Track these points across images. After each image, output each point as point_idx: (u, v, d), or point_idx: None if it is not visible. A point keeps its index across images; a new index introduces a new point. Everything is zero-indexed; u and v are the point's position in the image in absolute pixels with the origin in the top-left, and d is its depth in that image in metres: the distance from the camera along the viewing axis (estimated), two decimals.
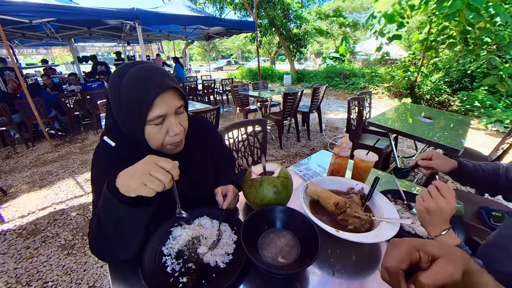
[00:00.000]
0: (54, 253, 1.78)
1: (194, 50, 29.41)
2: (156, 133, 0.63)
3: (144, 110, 0.58)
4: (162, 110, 0.60)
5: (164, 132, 0.64)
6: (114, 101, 0.62)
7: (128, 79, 0.59)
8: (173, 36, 7.43)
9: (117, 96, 0.60)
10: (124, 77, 0.60)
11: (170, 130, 0.64)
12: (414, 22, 7.80)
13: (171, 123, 0.63)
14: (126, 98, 0.59)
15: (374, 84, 8.08)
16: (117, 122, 0.66)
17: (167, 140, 0.65)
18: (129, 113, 0.60)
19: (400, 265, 0.35)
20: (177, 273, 0.61)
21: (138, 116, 0.59)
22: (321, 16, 13.61)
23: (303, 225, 0.68)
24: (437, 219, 0.57)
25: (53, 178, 2.91)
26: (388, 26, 4.54)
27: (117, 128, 0.68)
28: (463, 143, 1.76)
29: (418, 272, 0.34)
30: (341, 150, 0.95)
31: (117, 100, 0.61)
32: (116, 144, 0.67)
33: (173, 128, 0.64)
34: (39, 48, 8.55)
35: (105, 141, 0.67)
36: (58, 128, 4.52)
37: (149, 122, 0.61)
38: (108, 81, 5.11)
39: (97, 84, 4.81)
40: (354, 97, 2.66)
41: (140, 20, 3.75)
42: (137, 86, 0.58)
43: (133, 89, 0.58)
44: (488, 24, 3.77)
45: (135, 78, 0.59)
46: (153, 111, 0.59)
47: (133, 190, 0.49)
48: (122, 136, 0.69)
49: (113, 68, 7.68)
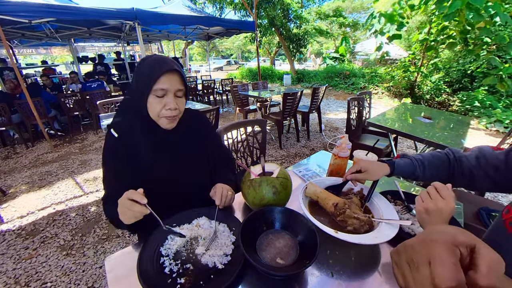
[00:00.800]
0: (53, 254, 1.78)
1: (194, 50, 29.40)
2: (155, 103, 0.77)
3: (152, 81, 0.74)
4: (164, 85, 0.75)
5: (162, 105, 0.78)
6: (133, 80, 0.81)
7: (149, 60, 0.78)
8: (173, 36, 7.42)
9: (137, 73, 0.79)
10: (146, 60, 0.78)
11: (166, 104, 0.78)
12: (414, 22, 7.79)
13: (169, 99, 0.78)
14: (143, 72, 0.76)
15: (374, 84, 8.08)
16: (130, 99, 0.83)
17: (163, 113, 0.79)
18: (141, 83, 0.77)
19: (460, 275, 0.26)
20: (175, 274, 0.61)
21: (147, 85, 0.75)
22: (321, 16, 13.60)
23: (302, 226, 0.68)
24: (436, 220, 0.57)
25: (52, 178, 2.91)
26: (388, 26, 4.53)
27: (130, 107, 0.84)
28: (463, 144, 1.76)
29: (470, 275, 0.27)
30: (340, 150, 0.95)
31: (135, 77, 0.79)
32: (118, 135, 0.82)
33: (169, 103, 0.77)
34: (39, 48, 8.54)
35: (111, 132, 0.82)
36: (57, 128, 4.51)
37: (152, 92, 0.75)
38: (107, 81, 5.08)
39: (97, 84, 4.81)
40: (354, 97, 2.65)
41: (139, 20, 3.74)
42: (152, 64, 0.76)
43: (149, 66, 0.76)
44: (488, 24, 3.76)
45: (153, 59, 0.78)
46: (157, 84, 0.75)
47: (127, 221, 0.68)
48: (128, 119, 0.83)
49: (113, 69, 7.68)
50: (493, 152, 0.77)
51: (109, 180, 0.85)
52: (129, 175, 0.82)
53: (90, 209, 2.29)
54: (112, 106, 3.03)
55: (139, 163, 0.83)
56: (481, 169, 0.77)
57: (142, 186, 0.70)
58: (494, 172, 0.74)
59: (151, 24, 4.77)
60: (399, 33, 4.73)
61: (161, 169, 0.86)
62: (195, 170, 0.94)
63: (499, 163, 0.73)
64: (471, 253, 0.28)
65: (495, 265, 0.27)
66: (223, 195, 0.82)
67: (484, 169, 0.76)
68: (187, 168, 0.91)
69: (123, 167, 0.82)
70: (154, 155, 0.84)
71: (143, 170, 0.83)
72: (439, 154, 0.84)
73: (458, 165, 0.80)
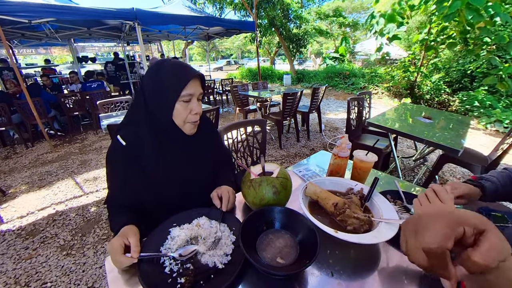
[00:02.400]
0: (53, 254, 1.78)
1: (194, 50, 29.40)
2: (182, 109, 0.77)
3: (180, 87, 0.74)
4: (191, 91, 0.76)
5: (188, 110, 0.79)
6: (150, 84, 0.77)
7: (168, 65, 0.76)
8: (173, 36, 7.42)
9: (155, 79, 0.76)
10: (163, 65, 0.76)
11: (192, 110, 0.79)
12: (414, 22, 7.80)
13: (194, 104, 0.79)
14: (166, 78, 0.75)
15: (374, 84, 8.08)
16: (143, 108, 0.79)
17: (188, 118, 0.80)
18: (166, 90, 0.75)
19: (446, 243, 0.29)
20: (175, 273, 0.61)
21: (174, 92, 0.75)
22: (320, 16, 13.60)
23: (302, 226, 0.68)
24: None
25: (52, 178, 2.91)
26: (388, 26, 4.54)
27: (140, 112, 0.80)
28: (463, 144, 1.76)
29: (468, 250, 0.30)
30: (340, 150, 0.95)
31: (154, 82, 0.76)
32: (126, 143, 0.79)
33: (195, 108, 0.79)
34: (39, 48, 8.54)
35: (118, 140, 0.80)
36: (57, 128, 4.52)
37: (180, 98, 0.75)
38: (106, 81, 5.08)
39: (97, 84, 4.81)
40: (354, 97, 2.65)
41: (139, 20, 3.74)
42: (177, 70, 0.76)
43: (172, 72, 0.75)
44: (488, 24, 3.77)
45: (175, 64, 0.77)
46: (185, 90, 0.75)
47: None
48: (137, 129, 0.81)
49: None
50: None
51: (111, 185, 0.85)
52: (132, 184, 0.82)
53: (90, 209, 2.29)
54: (112, 106, 3.03)
55: (146, 175, 0.82)
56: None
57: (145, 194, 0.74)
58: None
59: (151, 24, 4.78)
60: (399, 34, 4.73)
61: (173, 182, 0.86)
62: (204, 172, 0.94)
63: None
64: (478, 234, 0.30)
65: (496, 249, 0.28)
66: (230, 201, 0.82)
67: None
68: (198, 171, 0.91)
69: (126, 175, 0.81)
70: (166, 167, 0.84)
71: (149, 180, 0.83)
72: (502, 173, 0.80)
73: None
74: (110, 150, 0.83)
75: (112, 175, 0.84)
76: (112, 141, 0.84)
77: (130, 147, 0.80)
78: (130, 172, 0.81)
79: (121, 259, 0.61)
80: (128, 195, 0.82)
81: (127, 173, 0.81)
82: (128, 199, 0.82)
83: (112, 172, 0.83)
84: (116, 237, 0.66)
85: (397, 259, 0.67)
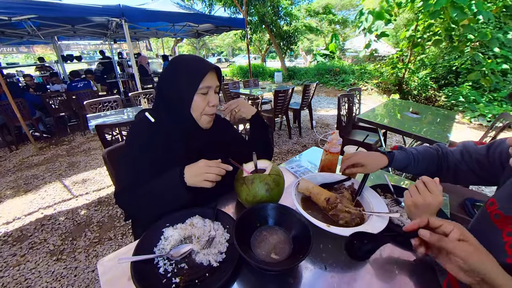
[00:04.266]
0: (43, 260, 1.73)
1: (184, 47, 28.93)
2: (200, 101, 0.79)
3: (199, 79, 0.76)
4: (209, 83, 0.78)
5: (206, 102, 0.81)
6: (169, 77, 0.79)
7: (186, 59, 0.79)
8: (162, 34, 7.26)
9: (175, 71, 0.78)
10: (181, 60, 0.80)
11: (210, 102, 0.81)
12: (402, 20, 7.95)
13: (212, 96, 0.82)
14: (184, 71, 0.77)
15: (363, 80, 8.21)
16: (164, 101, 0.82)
17: (206, 110, 0.82)
18: (184, 83, 0.77)
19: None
20: (169, 273, 0.60)
21: (194, 84, 0.77)
22: (310, 13, 13.66)
23: (295, 222, 0.69)
24: (424, 214, 0.58)
25: (39, 182, 2.82)
26: (376, 24, 4.61)
27: (162, 106, 0.83)
28: (449, 138, 1.82)
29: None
30: (331, 146, 0.97)
31: (172, 77, 0.78)
32: (155, 120, 0.82)
33: (212, 100, 0.81)
34: (20, 46, 8.18)
35: (146, 116, 0.83)
36: (43, 130, 4.35)
37: (199, 90, 0.77)
38: (94, 80, 4.93)
39: (83, 83, 4.66)
40: (344, 94, 2.69)
41: (126, 17, 3.63)
42: (194, 63, 0.78)
43: (190, 65, 0.78)
44: (471, 22, 3.89)
45: (191, 58, 0.80)
46: (204, 82, 0.77)
47: (199, 184, 0.71)
48: (163, 113, 0.83)
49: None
50: (475, 147, 0.79)
51: (134, 168, 0.80)
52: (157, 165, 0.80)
53: (80, 212, 2.24)
54: (100, 106, 2.95)
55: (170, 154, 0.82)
56: (465, 163, 0.79)
57: None
58: (477, 166, 0.77)
59: (138, 21, 4.64)
60: (387, 31, 4.82)
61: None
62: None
63: (481, 157, 0.76)
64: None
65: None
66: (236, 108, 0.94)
67: (467, 163, 0.79)
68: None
69: (156, 153, 0.80)
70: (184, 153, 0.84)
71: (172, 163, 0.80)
72: (430, 150, 0.86)
73: (445, 160, 0.83)
74: (135, 131, 0.84)
75: (136, 157, 0.80)
76: (134, 121, 0.86)
77: (159, 124, 0.82)
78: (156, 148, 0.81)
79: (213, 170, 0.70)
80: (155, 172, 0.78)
81: (154, 149, 0.80)
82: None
83: (136, 153, 0.80)
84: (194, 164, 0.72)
85: (388, 251, 0.69)
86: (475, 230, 0.71)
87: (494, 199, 0.65)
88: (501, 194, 0.65)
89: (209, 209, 0.79)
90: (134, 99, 3.26)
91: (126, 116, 2.64)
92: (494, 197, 0.66)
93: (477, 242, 0.43)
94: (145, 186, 0.75)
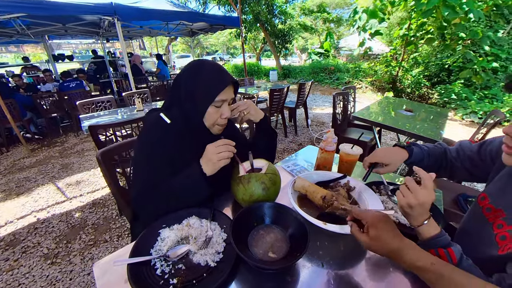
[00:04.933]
0: (37, 264, 1.70)
1: (178, 46, 28.65)
2: (213, 113, 0.81)
3: (216, 92, 0.77)
4: (225, 97, 0.80)
5: (218, 114, 0.82)
6: (187, 85, 0.79)
7: (207, 68, 0.79)
8: (155, 32, 7.17)
9: (192, 81, 0.78)
10: (202, 68, 0.79)
11: (222, 114, 0.82)
12: (395, 18, 8.02)
13: (225, 109, 0.82)
14: (203, 82, 0.77)
15: (358, 78, 8.27)
16: (177, 104, 0.83)
17: (218, 121, 0.83)
18: (201, 94, 0.78)
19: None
20: (167, 275, 0.60)
21: (210, 95, 0.77)
22: (305, 11, 13.67)
23: (292, 220, 0.69)
24: (418, 212, 0.57)
25: (31, 184, 2.76)
26: (370, 22, 4.65)
27: (176, 108, 0.84)
28: (442, 135, 1.85)
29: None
30: (326, 144, 0.97)
31: (191, 84, 0.78)
32: (171, 121, 0.82)
33: (225, 112, 0.82)
34: (9, 46, 7.96)
35: (162, 117, 0.82)
36: (34, 132, 4.26)
37: (213, 103, 0.78)
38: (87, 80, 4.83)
39: (75, 83, 4.57)
40: (339, 92, 2.71)
41: (119, 16, 3.57)
42: (214, 75, 0.78)
43: (210, 76, 0.78)
44: (463, 20, 3.95)
45: (213, 69, 0.79)
46: (220, 95, 0.78)
47: (216, 166, 0.73)
48: (178, 115, 0.83)
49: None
50: (470, 145, 0.83)
51: (153, 170, 0.78)
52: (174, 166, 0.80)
53: (74, 214, 2.21)
54: (93, 106, 2.91)
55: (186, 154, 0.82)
56: (460, 160, 0.83)
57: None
58: (470, 163, 0.80)
59: (131, 19, 4.58)
60: (380, 30, 4.86)
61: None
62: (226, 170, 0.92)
63: (473, 154, 0.79)
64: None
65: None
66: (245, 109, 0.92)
67: (461, 160, 0.82)
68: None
69: (171, 155, 0.80)
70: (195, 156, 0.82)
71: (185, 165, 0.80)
72: (436, 146, 0.89)
73: (444, 157, 0.86)
74: (151, 132, 0.82)
75: (153, 160, 0.79)
76: (147, 120, 0.86)
77: (174, 125, 0.81)
78: (173, 149, 0.80)
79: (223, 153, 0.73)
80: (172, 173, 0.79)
81: (171, 150, 0.80)
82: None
83: (152, 156, 0.79)
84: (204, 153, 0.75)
85: None
86: (468, 225, 0.73)
87: (486, 194, 0.67)
88: (492, 188, 0.68)
89: (206, 209, 0.79)
90: (128, 99, 3.22)
91: (120, 116, 2.61)
92: (485, 191, 0.69)
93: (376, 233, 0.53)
94: (166, 186, 0.75)
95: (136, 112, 2.70)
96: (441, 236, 0.55)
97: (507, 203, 0.59)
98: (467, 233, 0.71)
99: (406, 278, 0.61)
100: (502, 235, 0.57)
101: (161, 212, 0.76)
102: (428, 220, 0.57)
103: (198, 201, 0.78)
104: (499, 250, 0.55)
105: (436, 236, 0.55)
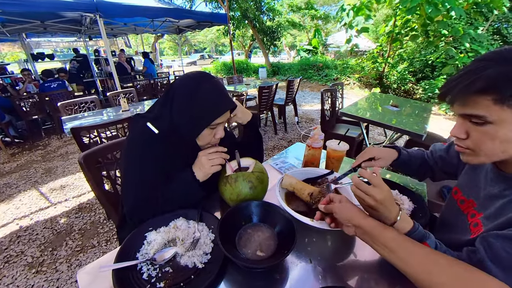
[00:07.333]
0: (21, 273, 1.63)
1: (165, 44, 28.06)
2: (207, 135, 0.79)
3: (213, 117, 0.75)
4: (221, 119, 0.78)
5: (212, 135, 0.80)
6: (184, 100, 0.75)
7: (208, 88, 0.75)
8: (140, 30, 6.99)
9: (189, 101, 0.74)
10: (205, 84, 0.75)
11: (216, 134, 0.81)
12: (381, 15, 8.19)
13: (219, 130, 0.81)
14: (203, 100, 0.74)
15: (345, 75, 8.39)
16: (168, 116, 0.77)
17: (211, 141, 0.82)
18: (198, 113, 0.75)
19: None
20: (154, 279, 0.59)
21: (207, 119, 0.75)
22: (293, 8, 13.69)
23: (280, 218, 0.70)
24: (383, 210, 0.55)
25: (12, 191, 2.64)
26: (357, 19, 4.72)
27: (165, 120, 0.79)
28: (426, 129, 1.91)
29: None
30: (313, 141, 0.98)
31: (190, 99, 0.74)
32: (159, 132, 0.77)
33: (219, 133, 0.81)
34: None
35: (149, 127, 0.78)
36: (14, 135, 4.06)
37: (210, 126, 0.76)
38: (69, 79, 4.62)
39: (57, 84, 4.39)
40: (327, 89, 2.74)
41: (101, 12, 3.44)
42: (215, 97, 0.76)
43: (211, 97, 0.75)
44: (445, 18, 4.08)
45: (215, 89, 0.76)
46: (217, 119, 0.76)
47: (208, 172, 0.76)
48: (166, 127, 0.78)
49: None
50: (441, 146, 0.90)
51: (143, 183, 0.76)
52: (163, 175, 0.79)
53: (59, 220, 2.13)
54: (76, 107, 2.80)
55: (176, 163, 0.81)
56: (434, 161, 0.89)
57: None
58: (442, 162, 0.86)
59: (114, 16, 4.44)
60: (367, 27, 4.94)
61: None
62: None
63: (444, 154, 0.86)
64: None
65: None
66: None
67: (435, 161, 0.88)
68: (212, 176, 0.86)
69: (161, 164, 0.78)
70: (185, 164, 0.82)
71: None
72: (417, 150, 0.94)
73: (424, 160, 0.92)
74: (137, 143, 0.78)
75: (141, 172, 0.77)
76: (133, 130, 0.81)
77: (162, 135, 0.77)
78: (162, 159, 0.78)
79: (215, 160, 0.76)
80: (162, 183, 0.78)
81: (160, 160, 0.78)
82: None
83: (140, 168, 0.77)
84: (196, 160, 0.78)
85: None
86: (446, 217, 0.78)
87: (457, 187, 0.74)
88: (461, 182, 0.74)
89: (193, 210, 0.78)
90: (113, 99, 3.12)
91: (106, 116, 2.53)
92: (457, 185, 0.75)
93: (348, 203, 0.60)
94: (160, 196, 0.76)
95: (121, 113, 2.62)
96: (415, 231, 0.55)
97: (476, 194, 0.65)
98: (445, 224, 0.75)
99: (394, 269, 0.63)
100: (475, 222, 0.61)
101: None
102: (400, 215, 0.56)
103: (191, 205, 0.79)
104: (471, 235, 0.60)
105: (411, 231, 0.55)
